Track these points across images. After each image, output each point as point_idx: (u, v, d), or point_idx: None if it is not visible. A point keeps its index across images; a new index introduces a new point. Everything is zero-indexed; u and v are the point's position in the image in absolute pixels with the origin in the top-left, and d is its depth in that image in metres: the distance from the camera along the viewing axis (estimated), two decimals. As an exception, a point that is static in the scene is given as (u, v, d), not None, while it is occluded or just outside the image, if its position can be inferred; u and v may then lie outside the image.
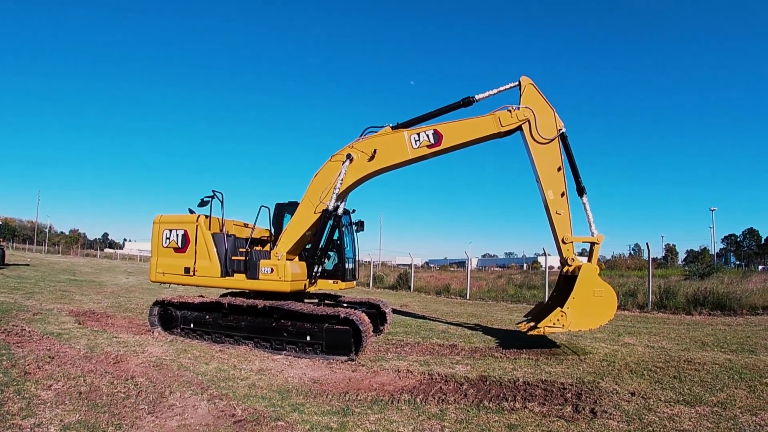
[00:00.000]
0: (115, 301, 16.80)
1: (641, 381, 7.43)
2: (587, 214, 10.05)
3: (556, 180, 9.87)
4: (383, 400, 6.29)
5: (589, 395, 6.57)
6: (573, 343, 10.76)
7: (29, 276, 25.26)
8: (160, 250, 10.92)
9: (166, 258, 10.82)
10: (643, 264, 27.76)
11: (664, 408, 6.10)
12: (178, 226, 10.78)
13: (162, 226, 10.98)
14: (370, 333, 9.22)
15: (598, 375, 7.78)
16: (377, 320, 11.60)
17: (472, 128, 9.98)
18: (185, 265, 10.53)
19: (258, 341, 9.67)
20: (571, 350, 9.92)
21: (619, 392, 6.77)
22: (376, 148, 9.95)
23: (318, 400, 6.32)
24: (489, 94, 10.28)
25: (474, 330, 12.82)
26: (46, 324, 11.03)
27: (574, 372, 8.01)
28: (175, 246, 10.72)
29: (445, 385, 7.05)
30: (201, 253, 10.44)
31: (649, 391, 6.87)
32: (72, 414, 5.46)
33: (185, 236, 10.63)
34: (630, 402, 6.33)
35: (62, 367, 7.40)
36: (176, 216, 11.06)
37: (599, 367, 8.35)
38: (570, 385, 7.04)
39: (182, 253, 10.63)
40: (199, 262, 10.43)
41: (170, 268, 10.75)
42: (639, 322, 14.83)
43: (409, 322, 14.03)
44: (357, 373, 7.84)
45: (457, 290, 25.88)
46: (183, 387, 6.65)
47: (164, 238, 10.87)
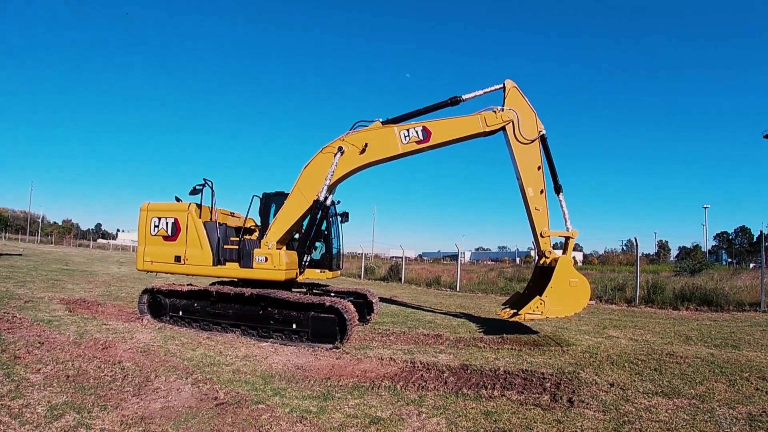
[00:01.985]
0: (106, 290, 16.89)
1: (621, 372, 7.57)
2: (563, 211, 10.77)
3: (536, 178, 10.52)
4: (364, 386, 6.42)
5: (568, 385, 6.69)
6: (557, 334, 10.93)
7: (21, 265, 25.28)
8: (147, 238, 10.78)
9: (154, 246, 10.71)
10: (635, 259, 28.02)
11: (641, 399, 6.20)
12: (168, 214, 10.66)
13: (150, 213, 10.82)
14: (356, 322, 9.36)
15: (579, 366, 7.92)
16: (364, 310, 11.75)
17: (459, 127, 10.46)
18: (175, 254, 10.47)
19: (245, 329, 9.80)
20: (555, 341, 10.09)
21: (599, 383, 6.88)
22: (367, 141, 10.21)
23: (300, 385, 6.45)
24: (475, 95, 10.73)
25: (460, 321, 13.00)
26: (37, 311, 11.12)
27: (555, 362, 8.16)
28: (164, 234, 10.60)
29: (427, 372, 7.19)
30: (192, 241, 10.39)
31: (629, 382, 6.99)
32: (59, 396, 5.59)
33: (175, 224, 10.54)
34: (608, 392, 6.44)
35: (51, 352, 7.52)
36: (166, 204, 10.96)
37: (581, 359, 8.50)
38: (550, 375, 7.17)
39: (172, 242, 10.54)
40: (190, 251, 10.37)
41: (159, 256, 10.65)
42: (625, 315, 15.01)
43: (397, 312, 14.20)
44: (341, 360, 7.98)
45: (448, 282, 26.08)
46: (168, 371, 6.77)
47: (152, 226, 10.73)
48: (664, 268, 41.62)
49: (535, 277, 11.22)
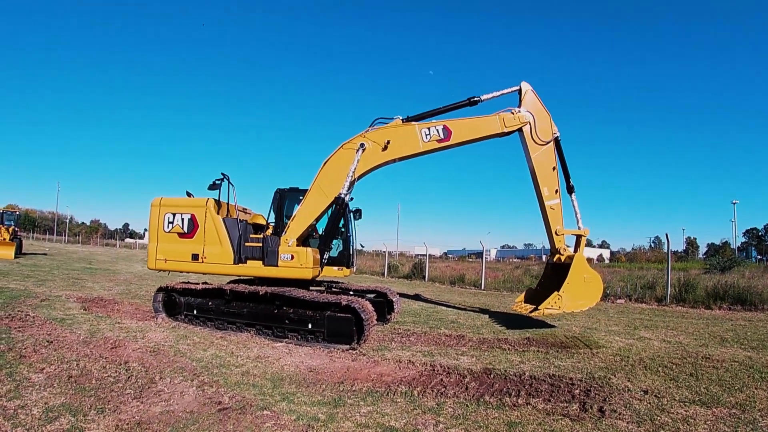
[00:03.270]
0: (126, 288, 16.80)
1: (655, 378, 7.04)
2: (575, 210, 11.33)
3: (551, 178, 11.01)
4: (378, 392, 6.02)
5: (598, 392, 6.19)
6: (586, 336, 10.43)
7: (44, 264, 25.46)
8: (161, 235, 10.27)
9: (168, 244, 10.22)
10: (663, 257, 27.18)
11: (678, 408, 5.68)
12: (184, 210, 10.18)
13: (163, 209, 10.31)
14: (374, 322, 8.99)
15: (610, 370, 7.40)
16: (384, 309, 11.36)
17: (479, 127, 10.76)
18: (193, 252, 10.03)
19: (260, 328, 9.49)
20: (584, 343, 9.58)
21: (631, 390, 6.37)
22: (389, 139, 10.26)
23: (310, 389, 6.07)
24: (493, 95, 11.04)
25: (484, 320, 12.53)
26: (52, 310, 10.98)
27: (584, 366, 7.65)
28: (179, 231, 10.14)
29: (447, 377, 6.76)
30: (211, 238, 9.96)
31: (663, 389, 6.47)
32: (58, 397, 5.35)
33: (192, 220, 10.08)
34: (642, 401, 5.94)
35: (58, 351, 7.30)
36: (181, 199, 10.49)
37: (612, 362, 7.98)
38: (579, 381, 6.67)
39: (189, 239, 10.08)
40: (209, 249, 9.96)
41: (174, 254, 10.17)
42: (657, 315, 14.42)
43: (419, 311, 13.80)
44: (356, 362, 7.59)
45: (472, 280, 25.64)
46: (175, 373, 6.47)
47: (166, 222, 10.23)
48: (693, 265, 40.35)
49: (547, 274, 11.87)
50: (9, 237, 29.55)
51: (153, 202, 10.47)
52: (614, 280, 23.95)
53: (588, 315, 13.84)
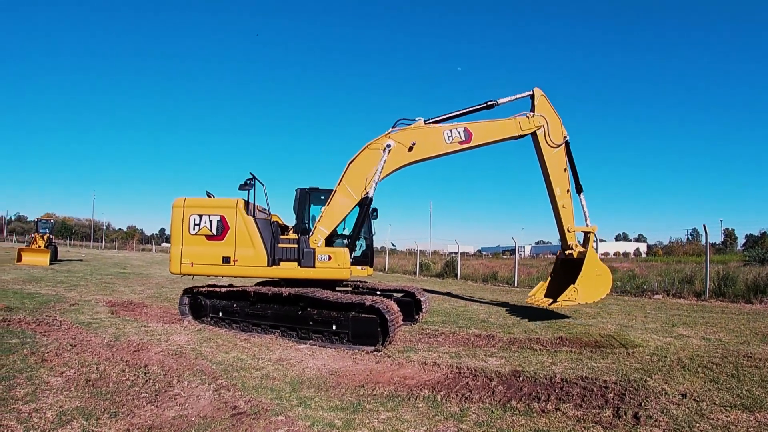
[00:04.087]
0: (157, 291, 16.90)
1: (694, 380, 6.61)
2: (583, 209, 12.06)
3: (563, 179, 11.69)
4: (400, 396, 5.76)
5: (633, 396, 5.80)
6: (622, 334, 9.99)
7: (78, 270, 25.94)
8: (186, 237, 9.80)
9: (195, 246, 9.76)
10: (701, 249, 26.35)
11: (718, 414, 5.26)
12: (212, 211, 9.80)
13: (188, 210, 9.85)
14: (399, 322, 8.73)
15: (647, 372, 6.99)
16: (412, 308, 11.11)
17: (498, 130, 11.24)
18: (223, 254, 9.68)
19: (284, 330, 9.35)
20: (619, 342, 9.17)
21: (669, 393, 5.97)
22: (415, 140, 10.40)
23: (329, 393, 5.86)
24: (509, 99, 11.56)
25: (515, 319, 12.16)
26: (79, 314, 11.04)
27: (619, 368, 7.25)
28: (207, 233, 9.74)
29: (473, 380, 6.46)
30: (242, 240, 9.66)
31: (703, 392, 6.04)
32: (73, 400, 5.29)
33: (222, 222, 9.72)
34: (680, 405, 5.52)
35: (81, 354, 7.27)
36: (208, 199, 10.20)
37: (648, 363, 7.56)
38: (613, 384, 6.28)
39: (218, 241, 9.71)
40: (241, 251, 9.66)
41: (202, 257, 9.74)
42: (695, 311, 13.87)
43: (449, 311, 13.51)
44: (380, 364, 7.35)
45: (505, 278, 25.14)
46: (193, 376, 6.35)
47: (191, 224, 9.78)
48: (732, 257, 38.90)
49: (557, 269, 12.70)
50: (44, 244, 30.31)
51: (176, 202, 10.04)
52: (651, 274, 23.28)
53: (624, 312, 13.50)
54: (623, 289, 19.68)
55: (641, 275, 23.41)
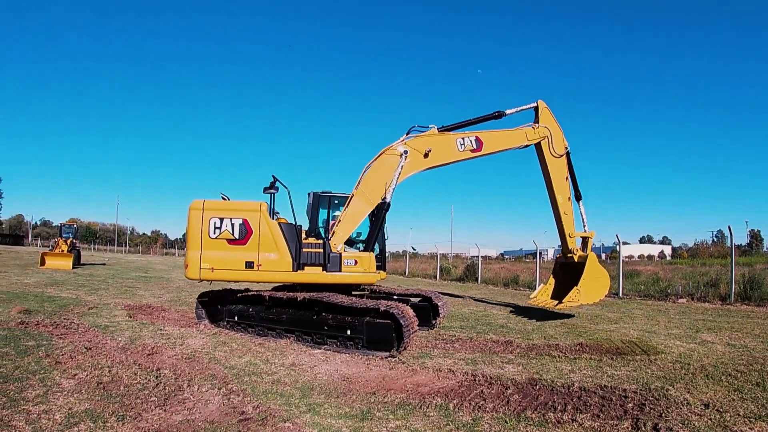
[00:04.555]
0: (177, 295, 17.01)
1: (718, 389, 6.35)
2: (582, 216, 12.78)
3: (565, 187, 12.38)
4: (412, 404, 5.62)
5: (654, 406, 5.57)
6: (644, 340, 9.74)
7: (100, 274, 26.24)
8: (206, 241, 9.43)
9: (215, 251, 9.41)
10: (726, 251, 25.75)
11: (742, 425, 5.00)
12: (235, 214, 9.49)
13: (208, 213, 9.49)
14: (414, 328, 8.60)
15: (669, 380, 6.75)
16: (429, 313, 10.96)
17: (507, 139, 11.75)
18: (247, 259, 9.41)
19: (299, 335, 9.26)
20: (641, 349, 8.92)
21: (691, 403, 5.72)
22: (430, 147, 10.64)
23: (339, 400, 5.75)
24: (516, 110, 12.03)
25: (535, 324, 11.94)
26: (97, 317, 11.11)
27: (640, 376, 7.02)
28: (229, 237, 9.41)
29: (488, 388, 6.30)
30: (267, 244, 9.44)
31: (726, 402, 5.80)
32: (83, 403, 5.27)
33: (245, 225, 9.44)
34: (702, 416, 5.27)
35: (95, 357, 7.28)
36: (230, 202, 9.94)
37: (671, 370, 7.31)
38: (633, 393, 6.07)
39: (241, 245, 9.42)
40: (265, 255, 9.43)
41: (223, 262, 9.41)
42: (720, 315, 13.52)
43: (467, 315, 13.34)
44: (394, 371, 7.21)
45: (527, 281, 24.87)
46: (205, 380, 6.31)
47: (212, 227, 9.41)
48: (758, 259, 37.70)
49: (557, 272, 13.38)
50: (67, 249, 30.80)
51: (193, 205, 9.68)
52: (675, 278, 22.85)
53: (647, 317, 13.26)
54: (647, 293, 19.37)
55: (665, 278, 23.01)
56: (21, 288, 16.51)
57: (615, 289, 20.19)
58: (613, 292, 19.98)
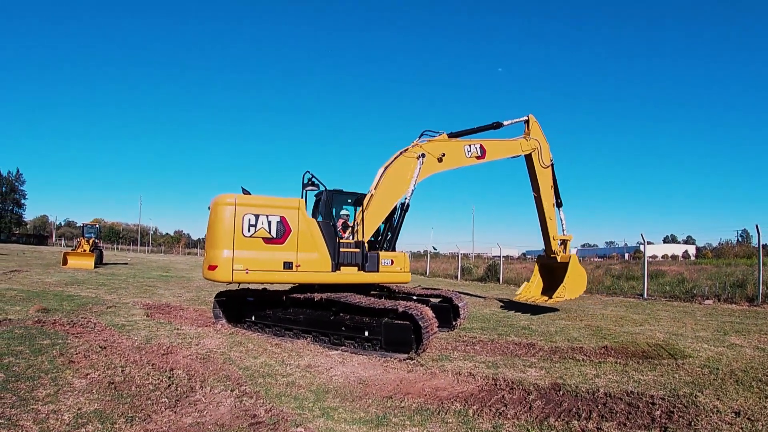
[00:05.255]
0: (196, 294, 16.96)
1: (748, 395, 6.04)
2: (562, 221, 13.94)
3: (550, 195, 13.34)
4: (429, 409, 5.40)
5: (682, 414, 5.29)
6: (671, 343, 9.41)
7: (122, 273, 26.39)
8: (239, 240, 8.69)
9: (250, 251, 8.73)
10: (753, 251, 25.05)
11: None
12: (272, 211, 8.88)
13: (241, 209, 8.76)
14: (434, 329, 8.34)
15: (697, 386, 6.44)
16: (449, 314, 10.71)
17: (506, 148, 12.54)
18: (285, 259, 8.86)
19: (317, 335, 9.10)
20: (668, 352, 8.60)
21: (721, 411, 5.42)
22: (444, 152, 10.99)
23: (355, 404, 5.55)
24: (511, 122, 12.79)
25: (558, 326, 11.62)
26: (115, 316, 11.07)
27: (668, 381, 6.72)
28: (266, 236, 8.79)
29: (509, 393, 6.06)
30: (306, 244, 9.01)
31: (758, 409, 5.50)
32: (93, 403, 5.18)
33: (283, 223, 8.88)
34: (733, 425, 4.99)
35: (109, 357, 7.19)
36: (267, 198, 9.26)
37: (699, 375, 7.00)
38: (661, 400, 5.79)
39: (278, 245, 8.85)
40: (304, 255, 8.99)
41: (259, 263, 8.73)
42: (748, 317, 13.12)
43: (489, 317, 13.07)
44: (412, 374, 7.00)
45: (550, 282, 24.35)
46: (218, 381, 6.17)
47: (246, 225, 8.72)
48: None
49: (540, 270, 14.79)
50: (89, 248, 31.11)
51: (220, 199, 8.98)
52: (701, 278, 22.24)
53: (673, 318, 12.92)
54: (672, 294, 18.91)
55: (690, 279, 22.46)
56: (42, 287, 16.61)
57: (640, 290, 19.80)
58: (638, 293, 19.59)
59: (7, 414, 4.77)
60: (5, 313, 10.48)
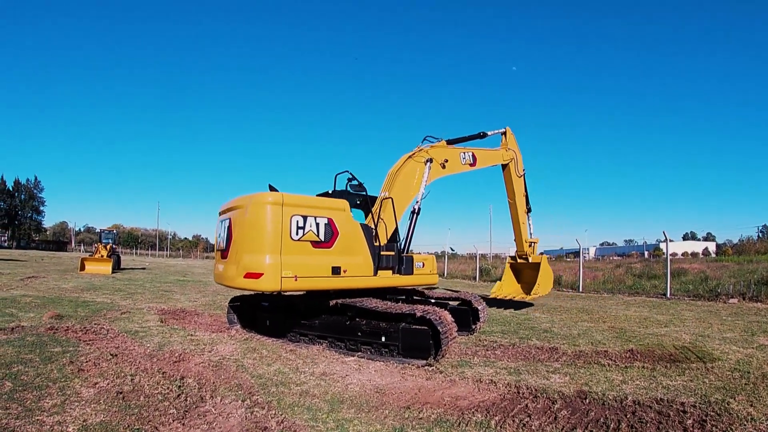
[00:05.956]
0: (212, 299, 16.81)
1: (784, 401, 5.71)
2: (530, 226, 14.94)
3: (523, 202, 14.19)
4: (449, 421, 5.11)
5: (716, 423, 4.97)
6: (698, 345, 9.08)
7: (139, 278, 26.37)
8: (287, 243, 7.93)
9: (298, 255, 8.02)
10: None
11: None
12: (320, 213, 8.33)
13: (289, 210, 8.01)
14: (453, 334, 8.07)
15: (729, 391, 6.12)
16: (468, 317, 10.45)
17: (491, 157, 13.11)
18: (333, 264, 8.35)
19: (332, 341, 8.85)
20: (696, 355, 8.27)
21: (756, 418, 5.11)
22: (447, 158, 11.30)
23: (371, 415, 5.28)
24: (493, 133, 13.35)
25: (581, 329, 11.30)
26: (129, 322, 10.91)
27: (698, 387, 6.40)
28: (314, 239, 8.21)
29: (533, 402, 5.76)
30: (351, 247, 8.64)
31: (795, 416, 5.15)
32: (99, 414, 4.97)
33: (330, 226, 8.40)
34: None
35: (119, 365, 7.01)
36: (314, 198, 8.89)
37: (730, 380, 6.68)
38: (692, 407, 5.47)
39: (326, 249, 8.35)
40: (350, 260, 8.58)
41: (308, 269, 8.07)
42: (775, 316, 12.68)
43: (509, 320, 12.74)
44: (431, 381, 6.72)
45: (569, 282, 24.14)
46: (229, 390, 5.95)
47: (294, 227, 8.00)
48: None
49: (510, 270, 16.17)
50: (107, 254, 31.25)
51: (263, 198, 8.11)
52: (724, 276, 21.72)
53: (698, 318, 12.62)
54: (695, 293, 18.46)
55: (713, 277, 21.96)
56: (57, 293, 16.57)
57: (662, 289, 19.36)
58: (661, 293, 19.15)
59: (11, 425, 4.60)
60: (18, 320, 10.38)
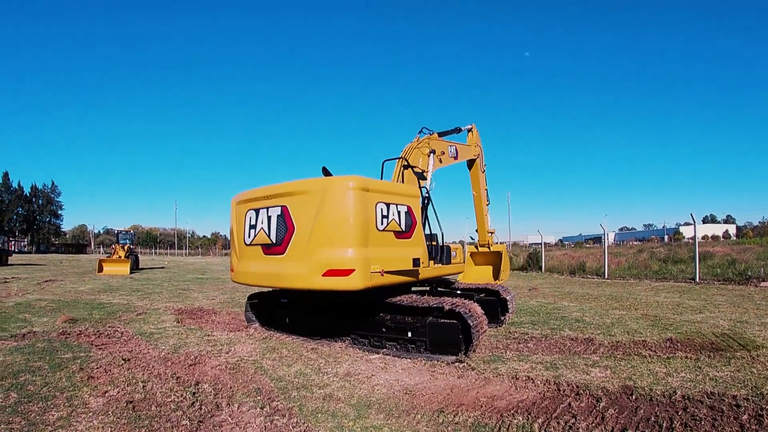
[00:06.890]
0: (231, 296, 16.54)
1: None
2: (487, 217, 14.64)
3: (485, 195, 14.01)
4: (488, 425, 4.65)
5: None
6: (738, 332, 8.59)
7: (157, 277, 26.20)
8: (373, 234, 7.13)
9: (383, 247, 7.30)
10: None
11: None
12: (401, 200, 7.67)
13: (374, 197, 7.19)
14: (484, 328, 7.62)
15: (779, 381, 5.62)
16: (497, 309, 10.03)
17: (467, 152, 12.87)
18: (413, 255, 7.78)
19: (355, 337, 8.40)
20: (738, 342, 7.78)
21: None
22: (443, 150, 11.12)
23: (401, 421, 4.83)
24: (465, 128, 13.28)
25: (614, 317, 10.79)
26: (144, 324, 10.59)
27: (746, 377, 5.91)
28: (396, 229, 7.55)
29: (576, 400, 5.29)
30: (421, 237, 8.13)
31: None
32: (107, 427, 4.62)
33: (410, 214, 7.81)
34: None
35: (131, 370, 6.64)
36: (395, 185, 8.23)
37: (778, 369, 6.18)
38: (745, 401, 5.01)
39: (406, 239, 7.76)
40: (422, 250, 8.04)
41: (392, 262, 7.36)
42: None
43: (538, 309, 12.29)
44: (463, 379, 6.25)
45: (594, 269, 23.67)
46: (247, 396, 5.55)
47: (379, 216, 7.22)
48: None
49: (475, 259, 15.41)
50: (124, 254, 31.20)
51: (346, 182, 7.12)
52: (752, 259, 21.03)
53: (732, 303, 12.17)
54: (725, 276, 17.87)
55: (741, 260, 21.31)
56: (74, 296, 16.34)
57: (690, 273, 18.82)
58: (689, 277, 18.60)
59: (13, 442, 4.22)
60: (31, 325, 10.09)
